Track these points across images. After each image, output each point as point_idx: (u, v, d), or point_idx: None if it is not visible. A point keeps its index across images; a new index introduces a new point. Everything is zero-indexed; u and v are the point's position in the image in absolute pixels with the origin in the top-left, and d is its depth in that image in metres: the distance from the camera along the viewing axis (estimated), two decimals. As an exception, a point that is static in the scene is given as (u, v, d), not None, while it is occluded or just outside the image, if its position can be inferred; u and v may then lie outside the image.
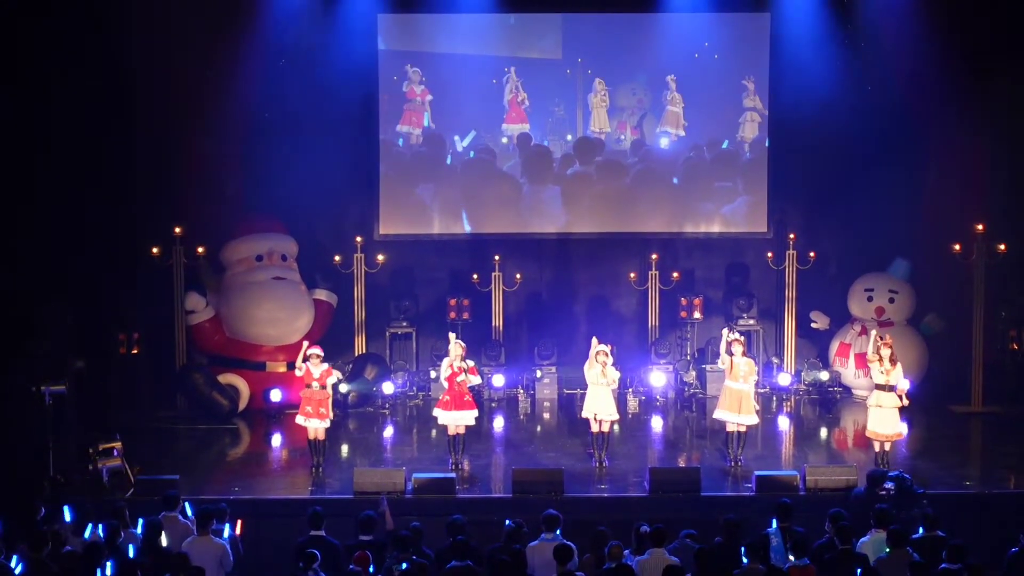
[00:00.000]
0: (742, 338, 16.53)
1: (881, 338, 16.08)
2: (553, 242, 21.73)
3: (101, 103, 18.04)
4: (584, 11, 21.19)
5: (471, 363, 16.30)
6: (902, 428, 15.96)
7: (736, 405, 16.01)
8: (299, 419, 16.03)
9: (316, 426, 15.91)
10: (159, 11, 18.82)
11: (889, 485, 13.71)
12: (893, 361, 15.80)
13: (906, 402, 15.80)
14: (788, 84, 20.83)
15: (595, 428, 16.18)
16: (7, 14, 16.22)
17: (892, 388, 15.75)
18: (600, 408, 16.04)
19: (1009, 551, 11.21)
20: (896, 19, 19.96)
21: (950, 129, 20.19)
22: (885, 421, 15.71)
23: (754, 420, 16.22)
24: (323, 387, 15.91)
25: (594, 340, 16.32)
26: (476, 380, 16.53)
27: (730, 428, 16.15)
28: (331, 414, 16.07)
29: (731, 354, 16.11)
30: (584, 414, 16.28)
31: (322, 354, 16.11)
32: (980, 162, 20.33)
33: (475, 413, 16.34)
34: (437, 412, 16.27)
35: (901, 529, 11.32)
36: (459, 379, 16.06)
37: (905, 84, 20.09)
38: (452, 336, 16.55)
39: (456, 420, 16.11)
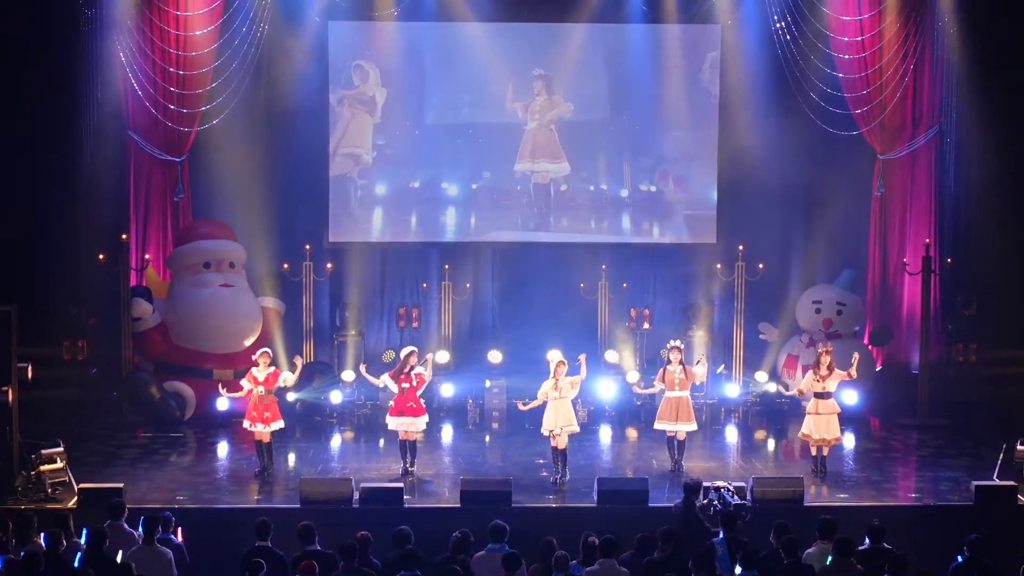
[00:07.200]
0: (680, 344, 16.59)
1: (823, 347, 16.43)
2: (503, 251, 21.68)
3: (47, 105, 17.86)
4: (542, 22, 21.17)
5: (419, 370, 16.25)
6: (838, 433, 16.18)
7: (673, 413, 16.13)
8: (246, 423, 16.08)
9: (261, 430, 15.93)
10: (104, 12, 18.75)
11: (712, 497, 13.54)
12: (831, 368, 16.01)
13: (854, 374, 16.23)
14: (737, 97, 20.94)
15: (553, 443, 15.92)
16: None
17: (829, 395, 16.05)
18: (554, 423, 15.76)
19: (952, 564, 11.29)
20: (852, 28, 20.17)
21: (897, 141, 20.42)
22: (819, 426, 15.99)
23: (692, 427, 16.36)
24: (269, 391, 15.91)
25: (550, 354, 16.23)
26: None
27: (670, 433, 16.31)
28: (279, 417, 16.09)
29: (668, 361, 16.21)
30: (542, 431, 16.05)
31: (271, 355, 16.18)
32: (928, 175, 20.53)
33: (423, 419, 16.23)
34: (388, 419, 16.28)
35: (848, 539, 11.32)
36: (404, 385, 16.06)
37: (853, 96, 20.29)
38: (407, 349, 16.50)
39: (400, 426, 16.11)
